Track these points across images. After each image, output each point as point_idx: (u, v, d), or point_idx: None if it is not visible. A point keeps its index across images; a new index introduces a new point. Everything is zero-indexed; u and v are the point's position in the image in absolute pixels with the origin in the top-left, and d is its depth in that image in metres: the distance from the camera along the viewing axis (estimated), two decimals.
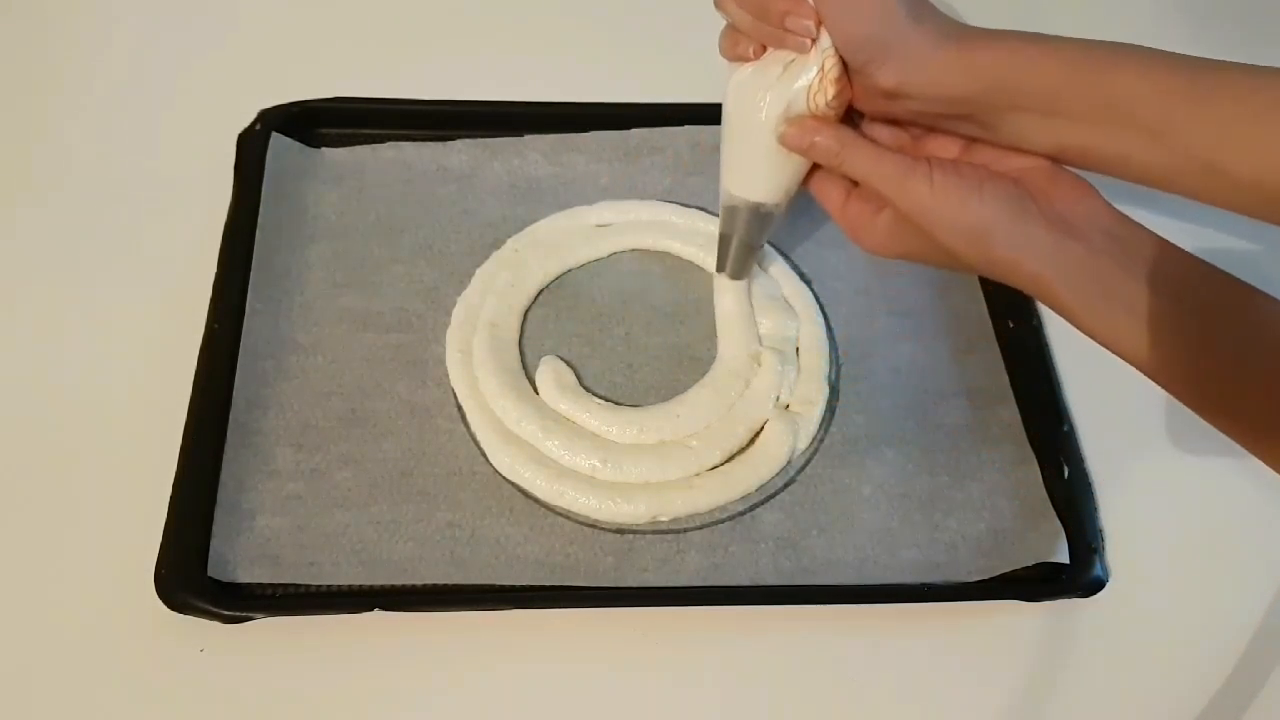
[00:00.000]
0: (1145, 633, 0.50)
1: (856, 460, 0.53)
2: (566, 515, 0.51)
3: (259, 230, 0.57)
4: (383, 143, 0.62)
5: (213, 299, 0.54)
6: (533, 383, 0.54)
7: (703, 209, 0.61)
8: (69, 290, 0.57)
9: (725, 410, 0.54)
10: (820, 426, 0.54)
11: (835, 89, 0.43)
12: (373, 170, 0.61)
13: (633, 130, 0.63)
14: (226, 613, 0.46)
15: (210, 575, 0.46)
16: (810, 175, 0.47)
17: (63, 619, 0.47)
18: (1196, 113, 0.39)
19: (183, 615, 0.46)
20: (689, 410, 0.53)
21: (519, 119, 0.63)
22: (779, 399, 0.54)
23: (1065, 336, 0.57)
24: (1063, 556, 0.50)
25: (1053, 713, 0.48)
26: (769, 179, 0.47)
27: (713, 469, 0.52)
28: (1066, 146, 0.41)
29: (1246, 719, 0.48)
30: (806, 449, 0.54)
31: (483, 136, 0.62)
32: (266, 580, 0.47)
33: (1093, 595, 0.50)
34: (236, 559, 0.47)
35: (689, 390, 0.54)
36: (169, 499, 0.48)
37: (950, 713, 0.48)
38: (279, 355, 0.54)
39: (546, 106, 0.64)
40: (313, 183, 0.60)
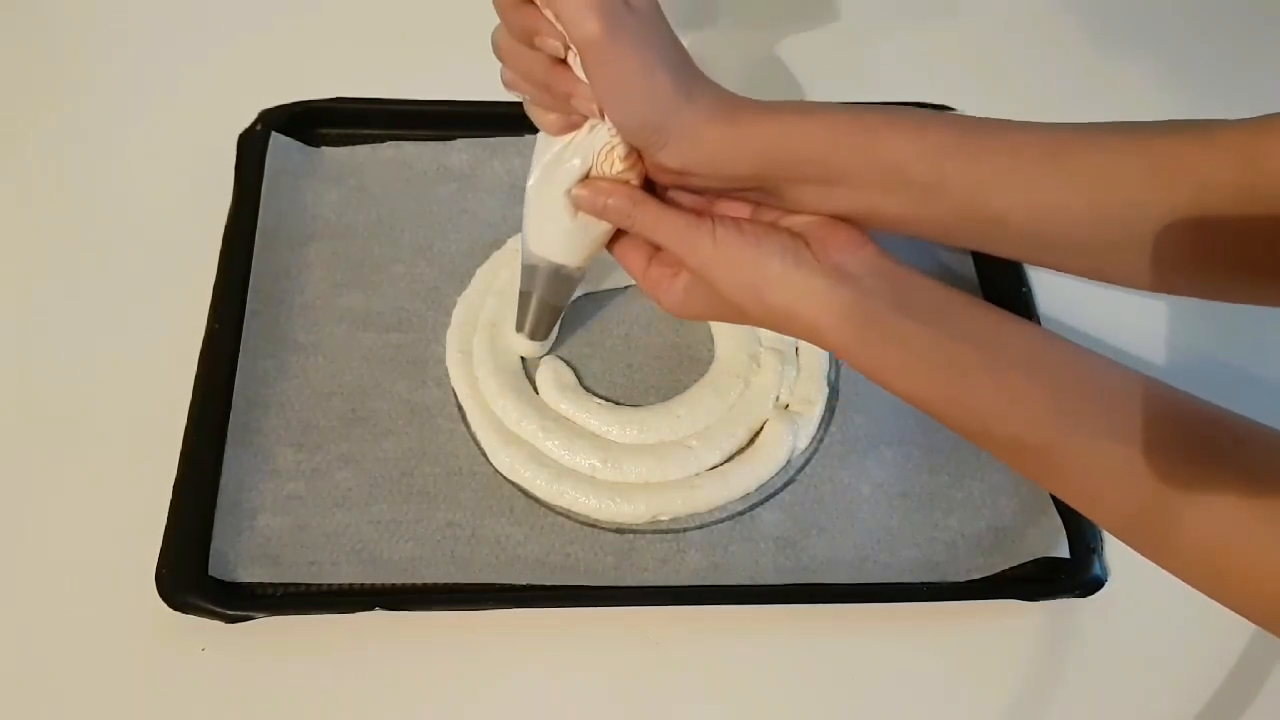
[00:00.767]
0: (1144, 632, 0.51)
1: (856, 460, 0.53)
2: (566, 515, 0.51)
3: (259, 230, 0.57)
4: (383, 143, 0.62)
5: (213, 299, 0.54)
6: (533, 383, 0.55)
7: None
8: (69, 290, 0.57)
9: (725, 410, 0.54)
10: (820, 426, 0.54)
11: (625, 163, 0.44)
12: (372, 170, 0.61)
13: None
14: (227, 612, 0.46)
15: (211, 575, 0.46)
16: (614, 240, 0.47)
17: (64, 618, 0.47)
18: (969, 168, 0.40)
19: (184, 615, 0.46)
20: (689, 410, 0.53)
21: (519, 119, 0.63)
22: (779, 399, 0.54)
23: (1065, 336, 0.56)
24: (1064, 551, 0.50)
25: (1052, 712, 0.48)
26: (568, 240, 0.47)
27: (712, 469, 0.52)
28: (852, 210, 0.42)
29: (1246, 719, 0.49)
30: (806, 449, 0.54)
31: (483, 136, 0.63)
32: (267, 580, 0.47)
33: (1092, 595, 0.50)
34: (237, 558, 0.47)
35: (689, 390, 0.55)
36: (170, 499, 0.48)
37: (950, 712, 0.48)
38: (279, 355, 0.54)
39: None
40: (312, 183, 0.60)
